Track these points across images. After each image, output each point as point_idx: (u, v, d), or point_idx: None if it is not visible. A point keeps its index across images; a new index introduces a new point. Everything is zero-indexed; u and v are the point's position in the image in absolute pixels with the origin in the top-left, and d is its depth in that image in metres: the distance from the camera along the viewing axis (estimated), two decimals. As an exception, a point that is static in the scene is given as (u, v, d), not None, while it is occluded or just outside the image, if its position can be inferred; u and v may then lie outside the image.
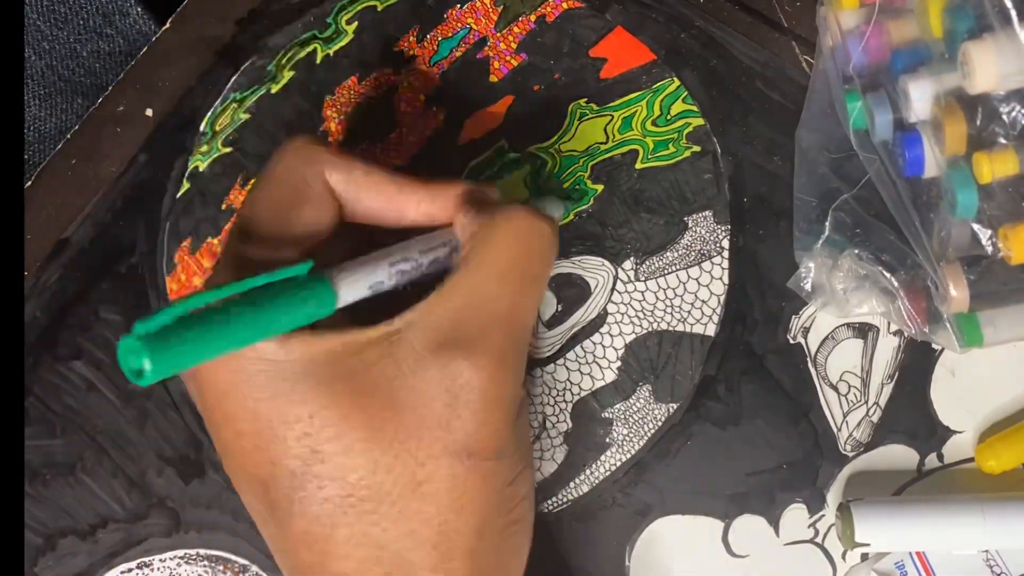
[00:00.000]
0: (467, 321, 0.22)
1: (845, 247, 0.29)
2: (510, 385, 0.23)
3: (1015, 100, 0.25)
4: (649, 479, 0.30)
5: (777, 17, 0.31)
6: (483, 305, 0.22)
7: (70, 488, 0.30)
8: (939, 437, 0.30)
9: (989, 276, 0.27)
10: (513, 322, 0.23)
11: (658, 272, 0.30)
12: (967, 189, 0.26)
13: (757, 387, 0.30)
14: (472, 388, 0.22)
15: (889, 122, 0.28)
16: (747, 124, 0.31)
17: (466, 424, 0.22)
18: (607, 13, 0.31)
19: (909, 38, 0.27)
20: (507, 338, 0.23)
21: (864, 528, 0.27)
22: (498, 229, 0.23)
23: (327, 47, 0.31)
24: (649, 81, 0.31)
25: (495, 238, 0.23)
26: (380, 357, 0.22)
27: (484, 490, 0.22)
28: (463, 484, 0.22)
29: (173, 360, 0.19)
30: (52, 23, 0.35)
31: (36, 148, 0.37)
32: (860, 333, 0.30)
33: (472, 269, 0.23)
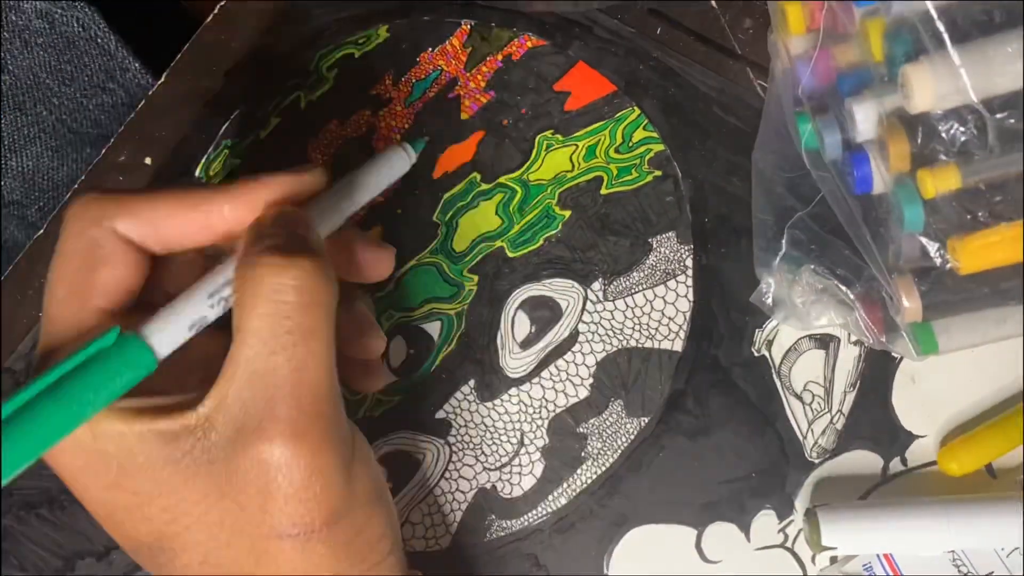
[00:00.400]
0: (254, 401, 0.21)
1: (803, 263, 0.30)
2: (319, 453, 0.21)
3: (953, 118, 0.26)
4: (624, 490, 0.31)
5: (731, 45, 0.33)
6: (262, 380, 0.21)
7: (86, 513, 0.32)
8: (902, 442, 0.31)
9: (940, 286, 0.28)
10: (302, 388, 0.21)
11: (626, 292, 0.32)
12: (913, 204, 0.27)
13: (725, 399, 0.31)
14: (278, 472, 0.21)
15: (838, 142, 0.29)
16: (706, 148, 0.32)
17: (283, 506, 0.21)
18: (569, 50, 0.33)
19: (853, 62, 0.28)
20: (299, 409, 0.21)
21: (830, 532, 0.28)
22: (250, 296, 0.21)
23: (310, 94, 0.33)
24: (611, 111, 0.32)
25: (252, 307, 0.21)
26: (194, 445, 0.21)
27: (329, 557, 0.22)
28: (303, 558, 0.22)
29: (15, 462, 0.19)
30: (60, 80, 0.38)
31: (50, 196, 0.40)
32: (822, 344, 0.31)
33: (239, 345, 0.21)
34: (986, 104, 0.24)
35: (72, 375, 0.20)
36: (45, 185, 0.39)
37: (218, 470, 0.21)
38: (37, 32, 0.37)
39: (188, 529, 0.22)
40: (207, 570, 0.23)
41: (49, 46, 0.38)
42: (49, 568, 0.32)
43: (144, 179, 0.34)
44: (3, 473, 0.19)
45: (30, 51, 0.38)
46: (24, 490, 0.32)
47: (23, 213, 0.41)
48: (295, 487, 0.21)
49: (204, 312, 0.22)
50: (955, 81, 0.25)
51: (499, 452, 0.31)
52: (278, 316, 0.21)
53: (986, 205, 0.26)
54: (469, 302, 0.32)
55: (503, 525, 0.31)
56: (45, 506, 0.32)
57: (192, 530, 0.22)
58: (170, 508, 0.22)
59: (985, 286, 0.28)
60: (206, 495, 0.22)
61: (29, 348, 0.33)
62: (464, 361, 0.32)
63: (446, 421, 0.32)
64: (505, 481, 0.31)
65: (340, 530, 0.22)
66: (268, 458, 0.21)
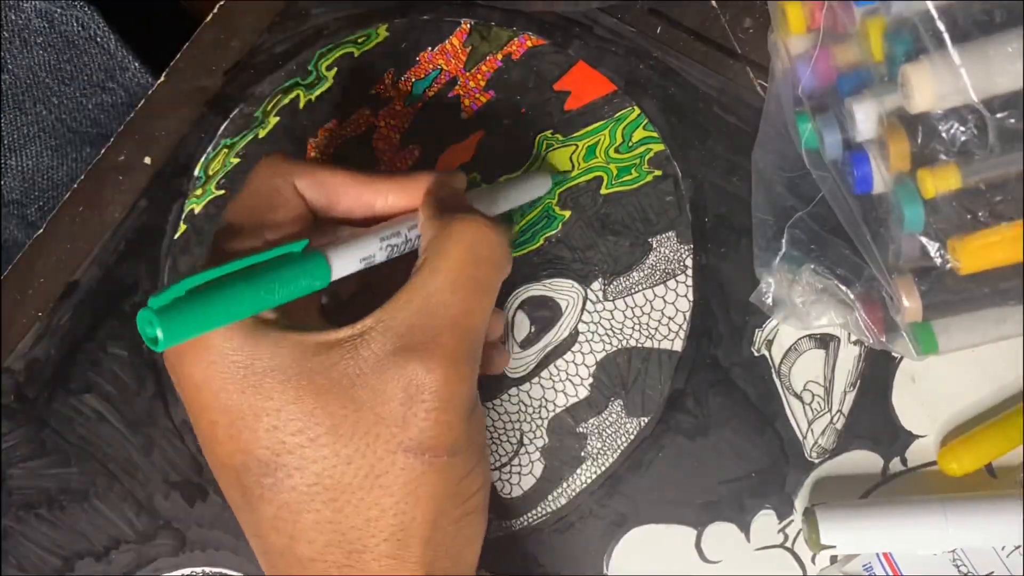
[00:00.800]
0: (422, 326, 0.24)
1: (803, 262, 0.30)
2: (462, 385, 0.24)
3: (953, 118, 0.26)
4: (624, 490, 0.31)
5: (731, 44, 0.33)
6: (436, 311, 0.24)
7: (85, 513, 0.32)
8: (902, 442, 0.31)
9: (940, 286, 0.28)
10: (465, 327, 0.24)
11: (625, 292, 0.32)
12: (913, 204, 0.27)
13: (724, 399, 0.31)
14: (426, 389, 0.23)
15: (838, 142, 0.29)
16: (706, 147, 0.32)
17: (420, 423, 0.23)
18: (569, 49, 0.33)
19: (853, 62, 0.28)
20: (459, 342, 0.24)
21: (829, 531, 0.28)
22: (451, 240, 0.25)
23: (309, 93, 0.33)
24: (611, 111, 0.32)
25: (448, 248, 0.25)
26: (343, 357, 0.23)
27: (438, 484, 0.24)
28: (418, 478, 0.24)
29: (182, 328, 0.21)
30: (60, 80, 0.38)
31: (49, 195, 0.40)
32: (822, 344, 0.31)
33: (426, 277, 0.24)
34: (986, 104, 0.24)
35: (261, 268, 0.23)
36: (45, 184, 0.40)
37: (364, 382, 0.23)
38: (37, 31, 0.37)
39: (313, 442, 0.23)
40: (316, 492, 0.23)
41: (49, 45, 0.38)
42: (48, 568, 0.32)
43: (143, 179, 0.34)
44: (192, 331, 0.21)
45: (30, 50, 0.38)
46: (24, 490, 0.32)
47: (23, 212, 0.41)
48: (437, 407, 0.24)
49: (374, 252, 0.25)
50: (955, 81, 0.25)
51: (499, 452, 0.31)
52: (468, 263, 0.25)
53: (986, 205, 0.26)
54: (469, 302, 0.32)
55: (503, 525, 0.31)
56: (44, 506, 0.32)
57: (317, 443, 0.23)
58: (303, 418, 0.23)
59: (985, 286, 0.28)
60: (344, 405, 0.23)
61: (29, 347, 0.33)
62: (464, 361, 0.32)
63: (446, 421, 0.32)
64: (504, 481, 0.31)
65: (454, 465, 0.24)
66: (422, 376, 0.23)
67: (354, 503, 0.24)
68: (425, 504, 0.24)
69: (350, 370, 0.23)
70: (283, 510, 0.24)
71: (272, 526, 0.24)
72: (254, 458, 0.24)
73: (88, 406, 0.33)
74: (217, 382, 0.23)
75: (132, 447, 0.32)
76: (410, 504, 0.24)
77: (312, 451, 0.23)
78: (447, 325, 0.24)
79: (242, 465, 0.24)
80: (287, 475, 0.23)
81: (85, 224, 0.34)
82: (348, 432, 0.23)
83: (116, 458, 0.32)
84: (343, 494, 0.24)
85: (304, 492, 0.23)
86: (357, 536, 0.24)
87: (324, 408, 0.23)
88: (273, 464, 0.23)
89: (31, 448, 0.32)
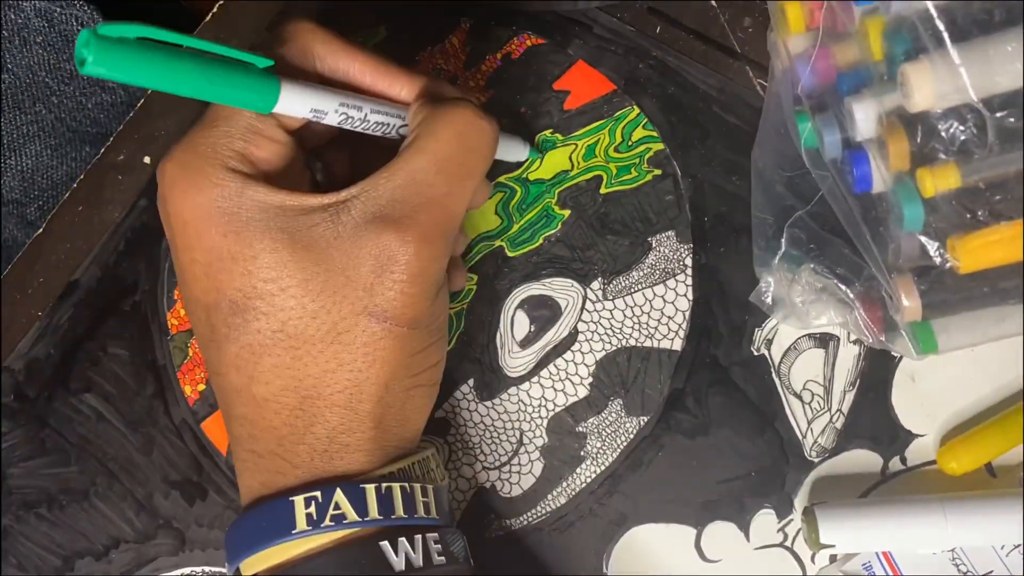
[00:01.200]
0: (403, 201, 0.25)
1: (802, 262, 0.30)
2: (433, 264, 0.25)
3: (952, 117, 0.26)
4: (623, 489, 0.31)
5: (731, 44, 0.33)
6: (419, 189, 0.25)
7: (85, 512, 0.32)
8: (902, 441, 0.31)
9: (940, 285, 0.28)
10: (444, 207, 0.25)
11: (625, 291, 0.32)
12: (913, 203, 0.27)
13: (724, 398, 0.31)
14: (397, 261, 0.24)
15: (837, 141, 0.29)
16: (705, 147, 0.32)
17: (387, 291, 0.24)
18: (568, 48, 0.33)
19: (853, 61, 0.28)
20: (436, 221, 0.25)
21: (828, 530, 0.28)
22: (443, 121, 0.26)
23: (309, 92, 0.33)
24: (610, 110, 0.32)
25: (439, 130, 0.25)
26: (323, 220, 0.24)
27: (395, 351, 0.25)
28: (377, 342, 0.25)
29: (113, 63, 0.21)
30: (59, 79, 0.38)
31: (49, 195, 0.40)
32: (821, 343, 0.31)
33: (414, 154, 0.25)
34: (986, 103, 0.24)
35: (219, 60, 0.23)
36: (44, 184, 0.39)
37: (339, 246, 0.24)
38: (36, 31, 0.37)
39: (284, 291, 0.24)
40: (279, 338, 0.25)
41: (48, 44, 0.38)
42: (48, 567, 0.32)
43: (143, 178, 0.34)
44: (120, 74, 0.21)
45: (29, 49, 0.38)
46: (24, 490, 0.32)
47: (22, 212, 0.41)
48: (404, 280, 0.24)
49: (328, 109, 0.25)
50: (955, 80, 0.25)
51: (498, 451, 0.31)
52: (456, 147, 0.25)
53: (985, 204, 0.26)
54: (468, 301, 0.32)
55: (502, 524, 0.31)
56: (44, 505, 0.32)
57: (287, 293, 0.24)
58: (276, 268, 0.24)
59: (984, 285, 0.28)
60: (317, 263, 0.24)
61: (29, 347, 0.33)
62: (463, 360, 0.32)
63: (445, 420, 0.32)
64: (504, 480, 0.31)
65: (412, 337, 0.25)
66: (395, 247, 0.24)
67: (313, 354, 0.25)
68: (380, 367, 0.25)
69: (328, 232, 0.24)
70: (245, 350, 0.25)
71: (233, 364, 0.25)
72: (226, 298, 0.25)
73: (88, 405, 0.33)
74: (203, 223, 0.24)
75: (132, 446, 0.32)
76: (366, 364, 0.25)
77: (281, 300, 0.24)
78: (427, 203, 0.25)
79: (213, 304, 0.25)
80: (254, 318, 0.24)
81: (85, 223, 0.34)
82: (317, 289, 0.24)
83: (116, 457, 0.32)
84: (304, 344, 0.24)
85: (268, 336, 0.24)
86: (312, 384, 0.25)
87: (298, 263, 0.24)
88: (243, 305, 0.24)
89: (31, 447, 0.32)
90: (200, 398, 0.32)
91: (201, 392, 0.32)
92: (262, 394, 0.25)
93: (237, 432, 0.26)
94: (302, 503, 0.24)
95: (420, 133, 0.25)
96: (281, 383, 0.25)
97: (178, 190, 0.25)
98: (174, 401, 0.32)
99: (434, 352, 0.26)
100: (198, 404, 0.32)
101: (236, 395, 0.25)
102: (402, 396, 0.26)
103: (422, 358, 0.26)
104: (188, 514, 0.32)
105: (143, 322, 0.33)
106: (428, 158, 0.25)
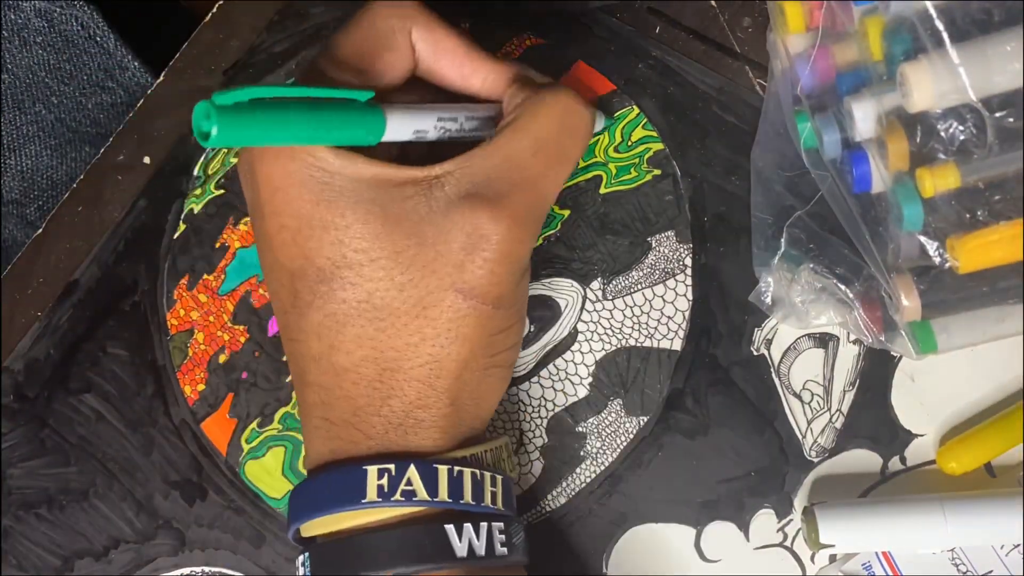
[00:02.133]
0: (498, 180, 0.25)
1: (802, 261, 0.30)
2: (522, 246, 0.25)
3: (951, 117, 0.26)
4: (623, 489, 0.31)
5: (730, 43, 0.33)
6: (515, 169, 0.25)
7: (84, 512, 0.32)
8: (901, 441, 0.31)
9: (939, 285, 0.28)
10: (538, 190, 0.25)
11: (625, 291, 0.32)
12: (912, 203, 0.27)
13: (723, 398, 0.31)
14: (488, 239, 0.24)
15: (837, 141, 0.29)
16: (705, 147, 0.32)
17: (476, 269, 0.24)
18: (568, 48, 0.33)
19: (852, 60, 0.28)
20: (529, 203, 0.25)
21: (828, 530, 0.28)
22: (543, 104, 0.26)
23: (308, 92, 0.33)
24: (610, 110, 0.32)
25: (539, 112, 0.25)
26: (416, 194, 0.24)
27: (478, 329, 0.25)
28: (461, 319, 0.25)
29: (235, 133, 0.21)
30: (59, 79, 0.38)
31: (49, 195, 0.40)
32: (821, 343, 0.31)
33: (513, 135, 0.25)
34: (985, 103, 0.24)
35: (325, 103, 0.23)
36: (44, 184, 0.40)
37: (431, 220, 0.24)
38: (36, 31, 0.37)
39: (373, 262, 0.24)
40: (364, 309, 0.24)
41: (48, 45, 0.38)
42: (48, 568, 0.32)
43: (143, 179, 0.34)
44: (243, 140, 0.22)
45: (29, 50, 0.38)
46: (23, 490, 0.32)
47: (22, 212, 0.41)
48: (493, 259, 0.24)
49: (428, 128, 0.26)
50: (954, 80, 0.25)
51: (498, 451, 0.31)
52: (555, 130, 0.25)
53: (985, 204, 0.26)
54: (468, 301, 0.32)
55: (502, 524, 0.31)
56: (44, 506, 0.32)
57: (376, 264, 0.24)
58: (368, 239, 0.24)
59: (984, 285, 0.28)
60: (409, 236, 0.24)
61: (28, 347, 0.33)
62: (463, 360, 0.32)
63: (445, 420, 0.32)
64: (504, 480, 0.31)
65: (495, 317, 0.25)
66: (488, 226, 0.24)
67: (397, 327, 0.24)
68: (461, 344, 0.25)
69: (421, 207, 0.24)
70: (329, 319, 0.25)
71: (315, 332, 0.25)
72: (313, 265, 0.24)
73: (87, 406, 0.33)
74: (295, 189, 0.24)
75: (131, 447, 0.32)
76: (448, 340, 0.25)
77: (370, 270, 0.24)
78: (522, 184, 0.25)
79: (300, 270, 0.25)
80: (341, 287, 0.24)
81: (84, 224, 0.34)
82: (407, 261, 0.24)
83: (115, 458, 0.32)
84: (389, 316, 0.24)
85: (353, 306, 0.24)
86: (393, 356, 0.25)
87: (390, 235, 0.24)
88: (331, 274, 0.24)
89: (31, 448, 0.32)
90: (199, 398, 0.32)
91: (200, 392, 0.32)
92: (342, 363, 0.25)
93: (311, 398, 0.26)
94: (375, 474, 0.24)
95: (519, 115, 0.25)
96: (362, 353, 0.25)
97: (269, 155, 0.24)
98: (174, 401, 0.32)
99: (513, 334, 0.26)
100: (198, 404, 0.32)
101: (314, 362, 0.25)
102: (479, 375, 0.26)
103: (501, 339, 0.26)
104: (188, 514, 0.32)
105: (143, 322, 0.33)
106: (527, 139, 0.25)
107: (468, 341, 0.25)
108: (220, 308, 0.33)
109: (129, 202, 0.33)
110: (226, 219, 0.33)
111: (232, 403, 0.32)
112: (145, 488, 0.32)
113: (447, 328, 0.25)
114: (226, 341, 0.32)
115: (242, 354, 0.32)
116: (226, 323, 0.32)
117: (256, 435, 0.32)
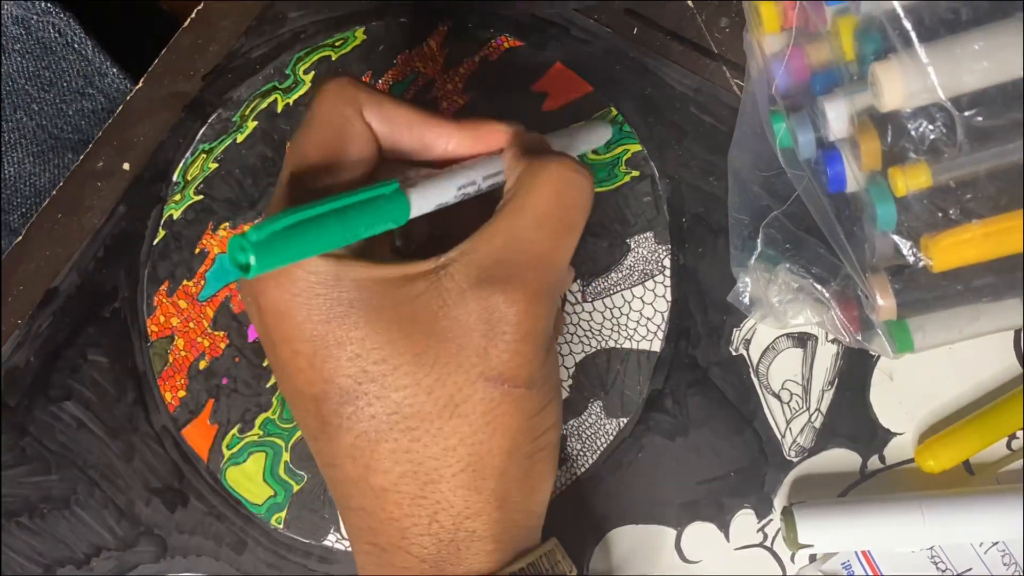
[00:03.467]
0: (506, 261, 0.24)
1: (779, 261, 0.30)
2: (541, 321, 0.24)
3: (922, 116, 0.26)
4: (603, 491, 0.31)
5: (708, 44, 0.33)
6: (522, 247, 0.24)
7: (65, 520, 0.32)
8: (880, 439, 0.31)
9: (914, 284, 0.28)
10: (548, 264, 0.25)
11: (604, 292, 0.32)
12: (885, 202, 0.27)
13: (703, 399, 0.31)
14: (508, 321, 0.24)
15: (811, 141, 0.29)
16: (683, 148, 0.32)
17: (501, 354, 0.24)
18: (546, 50, 0.33)
19: (825, 60, 0.28)
20: (542, 278, 0.24)
21: (806, 530, 0.28)
22: (541, 178, 0.25)
23: (287, 96, 0.33)
24: (588, 112, 0.32)
25: (538, 186, 0.25)
26: (426, 289, 0.24)
27: (515, 415, 0.24)
28: (496, 408, 0.24)
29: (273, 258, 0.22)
30: (39, 87, 0.38)
31: (32, 202, 0.40)
32: (799, 342, 0.31)
33: (513, 214, 0.25)
34: (954, 102, 0.24)
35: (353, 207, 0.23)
36: (27, 191, 0.39)
37: (446, 313, 0.23)
38: (14, 38, 0.37)
39: (396, 370, 0.23)
40: (395, 420, 0.24)
41: (27, 52, 0.38)
42: None
43: (122, 185, 0.34)
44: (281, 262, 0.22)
45: (8, 57, 0.38)
46: (4, 498, 0.32)
47: (5, 219, 0.40)
48: (517, 340, 0.24)
49: (449, 198, 0.25)
50: (923, 79, 0.25)
51: (479, 454, 0.31)
52: (556, 203, 0.25)
53: (957, 203, 0.26)
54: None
55: (483, 527, 0.31)
56: (25, 514, 0.32)
57: (399, 372, 0.23)
58: (386, 347, 0.23)
59: (958, 283, 0.28)
60: (427, 335, 0.23)
61: (8, 355, 0.33)
62: (443, 363, 0.32)
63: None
64: (485, 483, 0.31)
65: (530, 397, 0.24)
66: (504, 308, 0.24)
67: (432, 432, 0.24)
68: (501, 435, 0.24)
69: (433, 301, 0.23)
70: (361, 439, 0.24)
71: (349, 455, 0.24)
72: (335, 386, 0.24)
73: (68, 413, 0.33)
74: (303, 312, 0.23)
75: (113, 454, 0.32)
76: (487, 434, 0.24)
77: (394, 379, 0.23)
78: (531, 261, 0.24)
79: (322, 393, 0.24)
80: (367, 403, 0.24)
81: (64, 230, 0.34)
82: (430, 362, 0.23)
83: (97, 465, 0.32)
84: (422, 423, 0.24)
85: (383, 421, 0.24)
86: (433, 466, 0.24)
87: (408, 338, 0.23)
88: (354, 392, 0.23)
89: (11, 456, 0.32)
90: (180, 404, 0.32)
91: (181, 398, 0.32)
92: (381, 484, 0.24)
93: (357, 523, 0.25)
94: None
95: (517, 191, 0.25)
96: (400, 470, 0.24)
97: (271, 283, 0.23)
98: (154, 408, 0.32)
99: (552, 411, 0.25)
100: (178, 410, 0.32)
101: (353, 486, 0.24)
102: (526, 465, 0.25)
103: (540, 419, 0.25)
104: (169, 521, 0.32)
105: (123, 329, 0.33)
106: (528, 217, 0.24)
107: (507, 430, 0.24)
108: (200, 314, 0.33)
109: (108, 208, 0.33)
110: (205, 225, 0.33)
111: (213, 409, 0.32)
112: (126, 495, 0.32)
113: (483, 422, 0.24)
114: (206, 347, 0.32)
115: (222, 360, 0.32)
116: (206, 329, 0.32)
117: (237, 441, 0.32)
